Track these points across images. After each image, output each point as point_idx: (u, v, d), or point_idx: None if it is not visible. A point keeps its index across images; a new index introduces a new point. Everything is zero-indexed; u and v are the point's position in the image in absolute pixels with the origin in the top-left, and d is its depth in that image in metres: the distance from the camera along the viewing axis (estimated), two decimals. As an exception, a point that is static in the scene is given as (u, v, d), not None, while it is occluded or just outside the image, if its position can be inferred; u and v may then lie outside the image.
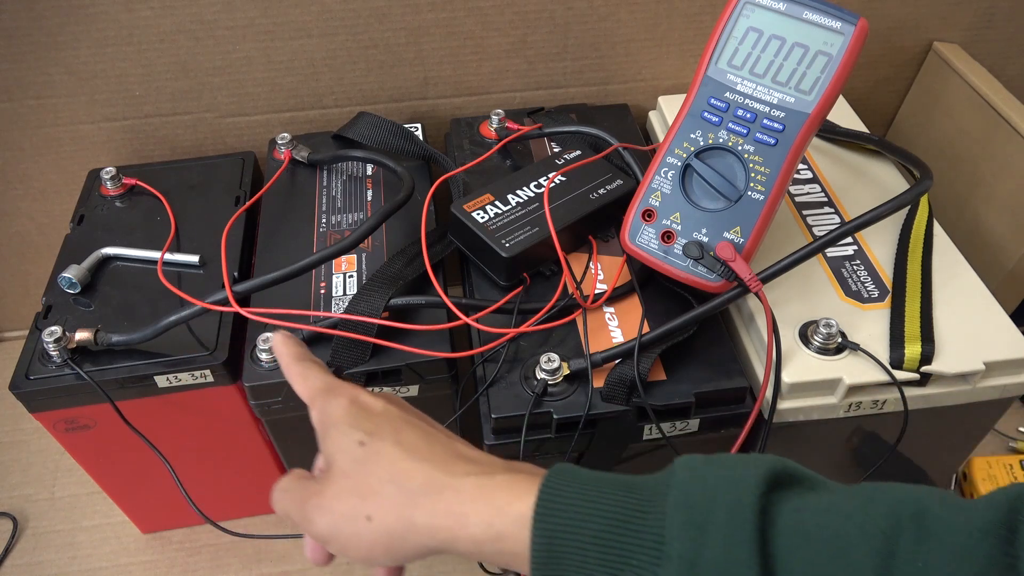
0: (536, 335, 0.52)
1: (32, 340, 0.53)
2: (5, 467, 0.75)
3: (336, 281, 0.55)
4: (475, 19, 0.68)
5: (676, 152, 0.51)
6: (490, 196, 0.55)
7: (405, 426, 0.34)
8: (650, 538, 0.28)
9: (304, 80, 0.70)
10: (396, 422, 0.34)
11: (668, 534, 0.28)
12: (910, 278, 0.54)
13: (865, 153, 0.66)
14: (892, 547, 0.27)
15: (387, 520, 0.32)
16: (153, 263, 0.58)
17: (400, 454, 0.33)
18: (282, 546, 0.69)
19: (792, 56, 0.48)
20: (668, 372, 0.50)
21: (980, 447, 0.60)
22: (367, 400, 0.36)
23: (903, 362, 0.49)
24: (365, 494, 0.32)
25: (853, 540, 0.27)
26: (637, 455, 0.52)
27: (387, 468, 0.33)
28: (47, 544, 0.69)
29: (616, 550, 0.29)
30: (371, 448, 0.33)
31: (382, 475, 0.32)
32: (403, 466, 0.32)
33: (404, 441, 0.33)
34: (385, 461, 0.33)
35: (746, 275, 0.47)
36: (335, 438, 0.34)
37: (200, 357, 0.52)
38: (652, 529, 0.28)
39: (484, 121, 0.69)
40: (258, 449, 0.61)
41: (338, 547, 0.33)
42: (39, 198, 0.75)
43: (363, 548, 0.32)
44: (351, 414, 0.35)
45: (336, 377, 0.38)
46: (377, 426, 0.34)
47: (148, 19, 0.64)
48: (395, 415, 0.35)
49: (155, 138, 0.72)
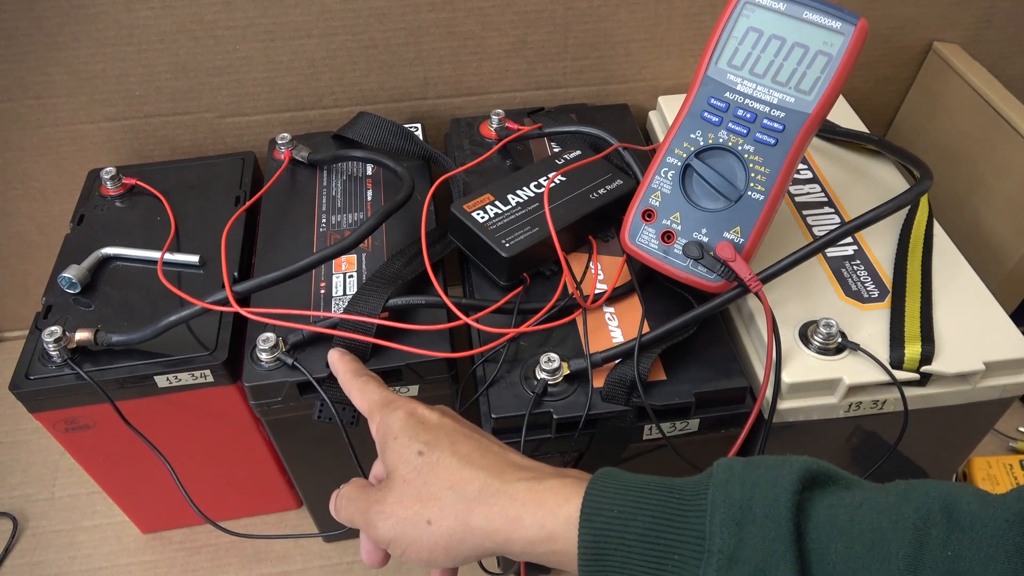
0: (536, 335, 0.52)
1: (32, 340, 0.53)
2: (5, 467, 0.75)
3: (336, 281, 0.55)
4: (475, 19, 0.68)
5: (676, 152, 0.51)
6: (490, 196, 0.55)
7: (460, 437, 0.37)
8: (691, 535, 0.30)
9: (304, 80, 0.70)
10: (452, 433, 0.37)
11: (708, 531, 0.30)
12: (910, 278, 0.54)
13: (865, 153, 0.66)
14: (923, 538, 0.28)
15: (446, 524, 0.34)
16: (153, 263, 0.58)
17: (457, 463, 0.36)
18: (282, 546, 0.69)
19: (792, 56, 0.48)
20: (668, 372, 0.50)
21: (980, 447, 0.60)
22: (423, 413, 0.39)
23: (903, 362, 0.49)
24: (425, 500, 0.35)
25: (886, 533, 0.28)
26: (637, 455, 0.52)
27: (445, 476, 0.35)
28: (47, 544, 0.69)
29: (659, 547, 0.30)
30: (430, 458, 0.36)
31: (441, 482, 0.35)
32: (461, 474, 0.35)
33: (460, 451, 0.36)
34: (443, 469, 0.35)
35: (746, 275, 0.47)
36: (395, 449, 0.37)
37: (200, 357, 0.52)
38: (693, 527, 0.30)
39: (484, 121, 0.69)
40: (258, 449, 0.61)
41: (400, 550, 0.36)
42: (39, 198, 0.75)
43: (424, 550, 0.35)
44: (409, 426, 0.38)
45: (393, 393, 0.41)
46: (435, 437, 0.37)
47: (148, 19, 0.64)
48: (450, 427, 0.38)
49: (155, 138, 0.72)
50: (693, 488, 0.32)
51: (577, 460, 0.51)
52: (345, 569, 0.67)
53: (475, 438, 0.37)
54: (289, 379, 0.50)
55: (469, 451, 0.36)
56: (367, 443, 0.52)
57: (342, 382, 0.44)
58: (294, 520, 0.71)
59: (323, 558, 0.68)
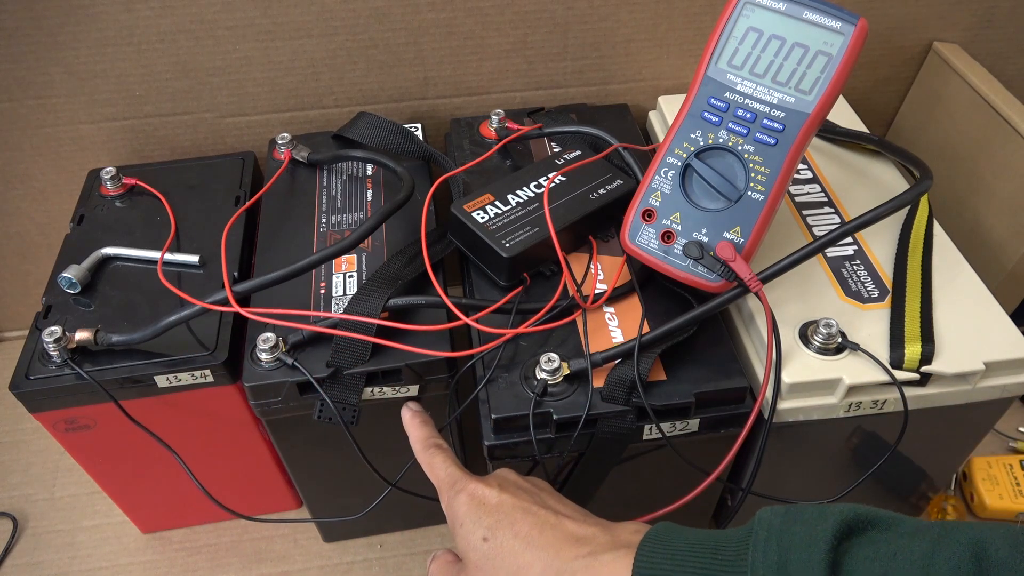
0: (536, 335, 0.52)
1: (32, 340, 0.53)
2: (5, 467, 0.75)
3: (336, 281, 0.55)
4: (475, 19, 0.68)
5: (676, 152, 0.51)
6: (490, 196, 0.55)
7: (520, 515, 0.39)
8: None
9: (304, 80, 0.70)
10: (512, 513, 0.39)
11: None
12: (910, 278, 0.54)
13: (865, 153, 0.66)
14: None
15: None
16: (153, 263, 0.58)
17: (519, 547, 0.37)
18: (282, 546, 0.69)
19: (792, 56, 0.48)
20: (668, 372, 0.50)
21: (980, 447, 0.60)
22: (484, 493, 0.40)
23: (903, 362, 0.49)
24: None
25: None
26: (637, 455, 0.52)
27: (511, 561, 0.37)
28: (47, 544, 0.69)
29: None
30: (493, 544, 0.38)
31: (508, 568, 0.37)
32: (523, 558, 0.37)
33: (520, 532, 0.38)
34: (507, 555, 0.38)
35: (746, 275, 0.47)
36: (463, 536, 0.40)
37: (200, 357, 0.52)
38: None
39: (484, 121, 0.69)
40: (258, 449, 0.61)
41: None
42: (39, 198, 0.75)
43: None
44: (471, 512, 0.40)
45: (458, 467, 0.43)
46: (496, 520, 0.39)
47: (148, 19, 0.64)
48: (509, 505, 0.39)
49: (155, 138, 0.72)
50: (735, 548, 0.33)
51: (577, 460, 0.51)
52: (345, 569, 0.67)
53: (534, 513, 0.39)
54: (289, 379, 0.50)
55: (528, 531, 0.38)
56: (367, 443, 0.52)
57: (413, 449, 0.47)
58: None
59: (323, 558, 0.68)
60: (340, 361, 0.50)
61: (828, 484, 0.58)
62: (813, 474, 0.59)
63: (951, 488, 0.68)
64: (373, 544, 0.69)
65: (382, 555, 0.68)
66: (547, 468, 0.51)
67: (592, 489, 0.55)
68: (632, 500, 0.57)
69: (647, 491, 0.56)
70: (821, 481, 0.60)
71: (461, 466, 0.43)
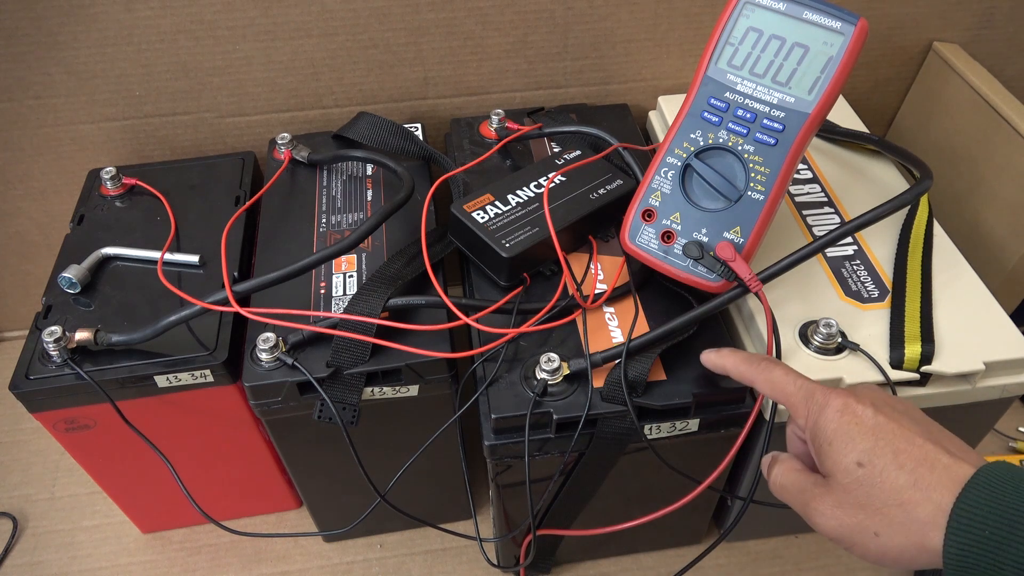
0: (536, 335, 0.52)
1: (32, 340, 0.53)
2: (5, 467, 0.75)
3: (336, 281, 0.55)
4: (475, 19, 0.68)
5: (676, 152, 0.51)
6: (490, 196, 0.55)
7: (904, 445, 0.34)
8: None
9: (304, 80, 0.70)
10: (894, 441, 0.35)
11: None
12: (910, 278, 0.54)
13: (865, 153, 0.66)
14: None
15: (897, 540, 0.33)
16: (153, 263, 0.58)
17: (903, 481, 0.33)
18: (282, 546, 0.69)
19: (792, 56, 0.48)
20: (668, 372, 0.50)
21: (980, 447, 0.60)
22: (858, 411, 0.36)
23: (903, 362, 0.49)
24: (870, 512, 0.34)
25: None
26: (636, 453, 0.52)
27: (891, 496, 0.33)
28: (47, 544, 0.69)
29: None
30: (871, 470, 0.34)
31: (887, 501, 0.33)
32: (907, 496, 0.33)
33: (905, 465, 0.34)
34: (888, 487, 0.34)
35: (746, 275, 0.47)
36: (831, 456, 0.36)
37: (200, 357, 0.52)
38: None
39: (484, 121, 0.69)
40: (258, 449, 0.61)
41: (846, 547, 0.35)
42: (39, 198, 0.75)
43: (870, 555, 0.34)
44: (843, 430, 0.36)
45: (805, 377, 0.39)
46: (874, 445, 0.35)
47: (148, 19, 0.64)
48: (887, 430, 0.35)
49: (155, 138, 0.72)
50: None
51: (577, 460, 0.51)
52: (345, 569, 0.67)
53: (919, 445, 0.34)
54: (289, 379, 0.50)
55: (915, 465, 0.33)
56: (367, 443, 0.52)
57: (738, 374, 0.43)
58: (294, 520, 0.71)
59: (323, 558, 0.68)
60: (340, 361, 0.50)
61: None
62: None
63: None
64: (373, 544, 0.69)
65: (382, 555, 0.68)
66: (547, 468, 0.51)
67: (592, 489, 0.55)
68: (632, 500, 0.57)
69: (647, 491, 0.56)
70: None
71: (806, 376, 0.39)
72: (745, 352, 0.44)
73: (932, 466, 0.33)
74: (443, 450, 0.58)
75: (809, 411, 0.37)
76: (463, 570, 0.67)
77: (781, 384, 0.39)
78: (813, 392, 0.38)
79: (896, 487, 0.33)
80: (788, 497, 0.38)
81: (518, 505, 0.56)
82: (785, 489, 0.38)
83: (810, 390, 0.38)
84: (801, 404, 0.38)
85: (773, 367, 0.41)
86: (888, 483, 0.34)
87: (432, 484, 0.63)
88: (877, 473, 0.34)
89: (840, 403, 0.36)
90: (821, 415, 0.37)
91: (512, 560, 0.63)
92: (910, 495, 0.33)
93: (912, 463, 0.34)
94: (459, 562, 0.67)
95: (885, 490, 0.34)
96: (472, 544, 0.68)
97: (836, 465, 0.35)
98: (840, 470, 0.35)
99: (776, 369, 0.40)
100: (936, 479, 0.33)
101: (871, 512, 0.34)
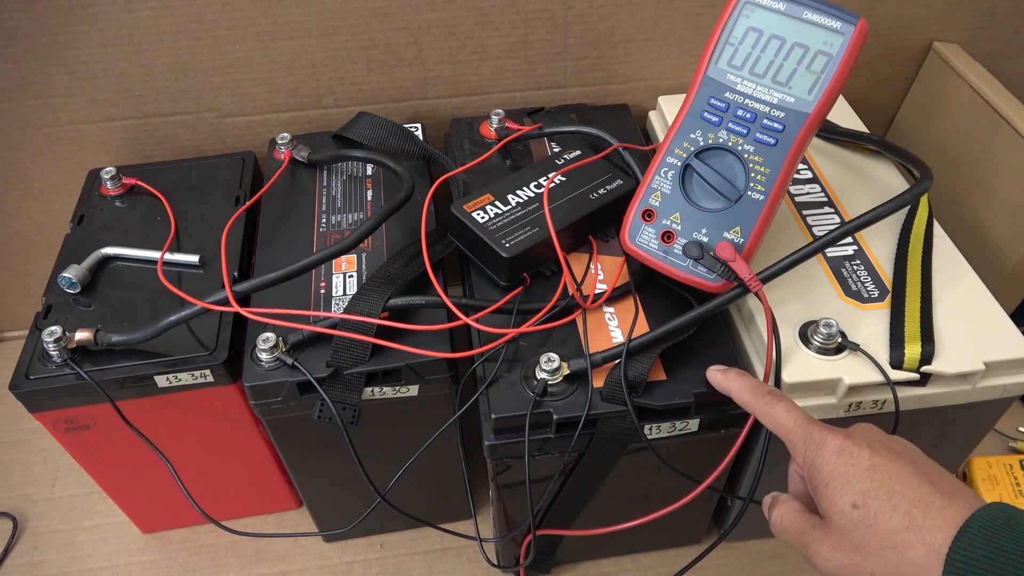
0: (536, 335, 0.52)
1: (32, 340, 0.53)
2: (5, 467, 0.75)
3: (336, 281, 0.55)
4: (475, 19, 0.68)
5: (676, 152, 0.51)
6: (490, 196, 0.55)
7: (899, 486, 0.34)
8: None
9: (304, 80, 0.70)
10: (889, 482, 0.35)
11: None
12: (910, 278, 0.54)
13: (865, 153, 0.66)
14: None
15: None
16: (153, 263, 0.58)
17: (897, 523, 0.33)
18: (282, 546, 0.69)
19: (792, 56, 0.48)
20: (668, 372, 0.50)
21: (980, 447, 0.60)
22: (854, 452, 0.36)
23: (903, 362, 0.49)
24: (866, 553, 0.34)
25: None
26: (636, 453, 0.52)
27: (886, 538, 0.34)
28: (47, 544, 0.69)
29: None
30: (866, 512, 0.34)
31: (882, 544, 0.34)
32: (901, 538, 0.33)
33: (900, 507, 0.34)
34: (883, 530, 0.34)
35: (746, 275, 0.47)
36: (827, 497, 0.36)
37: (200, 357, 0.52)
38: None
39: (484, 121, 0.69)
40: (258, 449, 0.61)
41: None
42: (39, 198, 0.75)
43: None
44: (840, 471, 0.36)
45: (806, 416, 0.39)
46: (870, 487, 0.35)
47: (148, 19, 0.64)
48: (885, 472, 0.35)
49: (155, 138, 0.72)
50: None
51: (577, 460, 0.51)
52: (345, 569, 0.67)
53: (915, 487, 0.34)
54: (289, 379, 0.50)
55: (909, 507, 0.34)
56: (367, 443, 0.52)
57: (741, 402, 0.43)
58: (294, 520, 0.71)
59: (323, 558, 0.68)
60: (340, 361, 0.50)
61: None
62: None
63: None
64: (373, 544, 0.69)
65: (382, 555, 0.68)
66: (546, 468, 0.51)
67: (592, 489, 0.55)
68: (632, 500, 0.57)
69: (647, 491, 0.56)
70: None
71: (807, 414, 0.40)
72: (751, 380, 0.44)
73: (926, 508, 0.33)
74: (443, 450, 0.58)
75: (807, 452, 0.38)
76: (463, 570, 0.67)
77: (782, 421, 0.40)
78: (811, 432, 0.38)
79: (890, 529, 0.33)
80: (788, 538, 0.38)
81: (518, 505, 0.56)
82: (785, 530, 0.39)
83: (809, 430, 0.38)
84: (800, 444, 0.38)
85: (776, 402, 0.41)
86: (882, 525, 0.34)
87: (432, 484, 0.63)
88: (872, 515, 0.34)
89: (836, 444, 0.37)
90: (818, 456, 0.37)
91: (512, 560, 0.63)
92: (904, 537, 0.33)
93: (906, 505, 0.34)
94: (459, 562, 0.67)
95: (880, 532, 0.34)
96: (472, 544, 0.68)
97: (832, 507, 0.36)
98: (836, 512, 0.35)
99: (779, 405, 0.40)
100: (930, 521, 0.33)
101: (867, 554, 0.34)
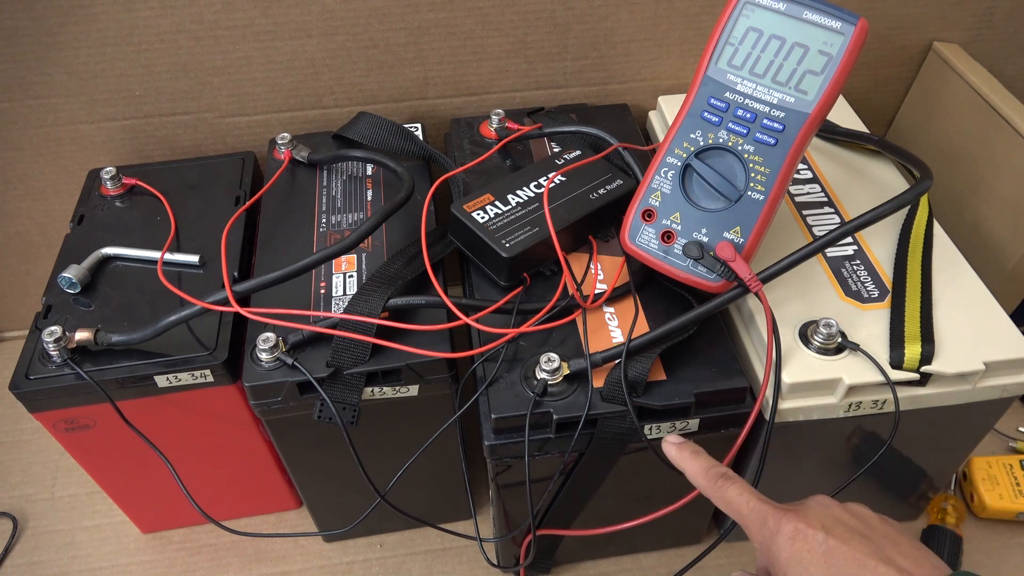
0: (536, 335, 0.52)
1: (32, 340, 0.53)
2: (5, 467, 0.75)
3: (336, 281, 0.55)
4: (475, 19, 0.68)
5: (676, 152, 0.51)
6: (490, 196, 0.55)
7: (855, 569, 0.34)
8: None
9: (304, 80, 0.70)
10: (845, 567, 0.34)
11: None
12: (910, 278, 0.54)
13: (865, 153, 0.66)
14: None
15: None
16: (153, 263, 0.58)
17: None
18: (282, 546, 0.69)
19: (792, 56, 0.48)
20: (668, 372, 0.50)
21: (980, 447, 0.60)
22: (808, 536, 0.36)
23: (903, 362, 0.49)
24: None
25: None
26: (636, 452, 0.52)
27: None
28: (47, 544, 0.69)
29: None
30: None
31: None
32: None
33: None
34: None
35: (746, 275, 0.47)
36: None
37: (200, 357, 0.52)
38: None
39: (484, 121, 0.69)
40: (258, 449, 0.61)
41: None
42: (39, 198, 0.75)
43: None
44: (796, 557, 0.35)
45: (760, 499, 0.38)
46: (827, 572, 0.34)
47: (148, 19, 0.64)
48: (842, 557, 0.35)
49: (155, 138, 0.72)
50: None
51: (577, 460, 0.51)
52: (345, 569, 0.67)
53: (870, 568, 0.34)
54: (289, 379, 0.50)
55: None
56: (367, 443, 0.52)
57: (695, 483, 0.42)
58: (294, 520, 0.71)
59: (323, 558, 0.68)
60: (340, 361, 0.50)
61: (828, 484, 0.58)
62: (812, 474, 0.59)
63: (951, 488, 0.68)
64: (373, 544, 0.69)
65: (382, 555, 0.68)
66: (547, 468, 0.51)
67: (592, 489, 0.55)
68: (632, 500, 0.57)
69: (647, 491, 0.56)
70: (820, 481, 0.60)
71: (761, 496, 0.39)
72: (705, 460, 0.42)
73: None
74: (443, 450, 0.58)
75: (763, 537, 0.37)
76: (463, 570, 0.67)
77: (735, 505, 0.39)
78: (765, 518, 0.37)
79: None
80: None
81: (518, 505, 0.56)
82: None
83: (763, 514, 0.38)
84: (755, 528, 0.38)
85: (727, 485, 0.40)
86: None
87: (432, 484, 0.63)
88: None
89: (790, 529, 0.36)
90: (773, 543, 0.36)
91: (512, 560, 0.63)
92: None
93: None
94: (459, 562, 0.67)
95: None
96: (472, 544, 0.68)
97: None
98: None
99: (731, 488, 0.40)
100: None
101: None
